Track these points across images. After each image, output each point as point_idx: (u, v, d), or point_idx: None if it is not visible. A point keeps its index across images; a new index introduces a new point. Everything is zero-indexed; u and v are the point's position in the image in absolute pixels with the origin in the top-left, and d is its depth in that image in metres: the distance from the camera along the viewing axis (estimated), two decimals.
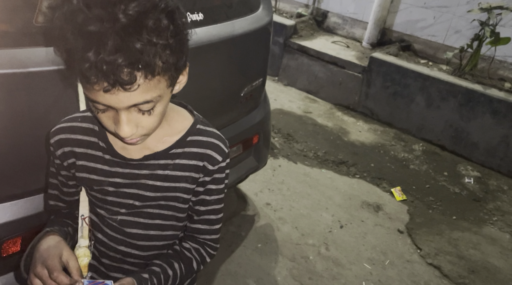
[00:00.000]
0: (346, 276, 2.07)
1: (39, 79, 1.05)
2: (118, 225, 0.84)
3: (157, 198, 0.82)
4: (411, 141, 3.44)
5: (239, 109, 1.83)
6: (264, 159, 2.19)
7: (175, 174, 0.80)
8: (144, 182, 0.80)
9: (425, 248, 2.32)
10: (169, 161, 0.80)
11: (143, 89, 0.62)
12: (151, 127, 0.70)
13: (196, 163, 0.81)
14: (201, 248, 0.88)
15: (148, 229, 0.85)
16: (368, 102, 3.69)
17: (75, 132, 0.81)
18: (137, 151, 0.80)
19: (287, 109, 3.70)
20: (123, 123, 0.65)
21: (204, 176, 0.82)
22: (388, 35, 4.04)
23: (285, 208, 2.48)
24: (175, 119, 0.82)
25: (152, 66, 0.60)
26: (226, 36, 1.55)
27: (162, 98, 0.68)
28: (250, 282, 1.95)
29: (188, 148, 0.81)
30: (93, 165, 0.81)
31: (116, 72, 0.57)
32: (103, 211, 0.83)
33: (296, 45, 4.01)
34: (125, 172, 0.80)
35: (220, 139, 0.84)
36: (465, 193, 2.87)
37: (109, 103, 0.63)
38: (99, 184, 0.81)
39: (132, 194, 0.81)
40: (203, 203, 0.85)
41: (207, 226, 0.87)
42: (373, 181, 2.88)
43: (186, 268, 0.85)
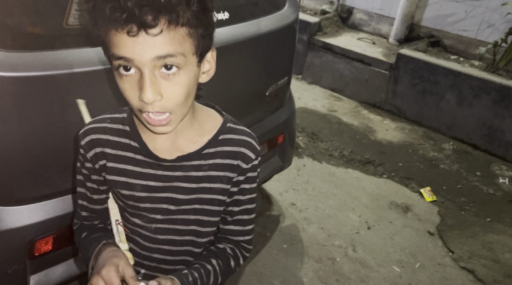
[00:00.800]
0: (374, 279, 2.02)
1: (69, 80, 1.06)
2: (151, 234, 0.82)
3: (192, 201, 0.80)
4: (440, 140, 3.33)
5: (264, 108, 1.81)
6: (289, 159, 2.16)
7: (210, 175, 0.79)
8: (177, 184, 0.79)
9: (457, 251, 2.23)
10: (202, 161, 0.78)
11: (166, 39, 0.61)
12: (176, 99, 0.66)
13: (230, 162, 0.79)
14: (235, 248, 0.86)
15: (183, 235, 0.84)
16: (395, 100, 3.60)
17: (105, 132, 0.79)
18: (169, 152, 0.78)
19: (311, 108, 3.65)
20: (146, 85, 0.62)
21: (238, 175, 0.80)
22: (416, 31, 3.93)
23: (310, 209, 2.45)
24: (205, 119, 0.80)
25: (175, 13, 0.60)
26: (252, 34, 1.53)
27: (186, 65, 0.65)
28: (276, 283, 1.93)
29: (220, 147, 0.79)
30: (124, 166, 0.79)
31: (140, 12, 0.57)
32: (137, 219, 0.82)
33: (320, 42, 3.96)
34: (158, 174, 0.78)
35: (252, 136, 0.82)
36: (500, 194, 2.75)
37: (133, 54, 0.61)
38: (131, 187, 0.79)
39: (165, 198, 0.79)
40: (237, 203, 0.83)
41: (240, 227, 0.86)
42: (401, 181, 2.80)
43: (224, 264, 0.83)
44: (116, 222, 0.81)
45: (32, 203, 1.19)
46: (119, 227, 0.80)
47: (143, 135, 0.79)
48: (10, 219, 1.16)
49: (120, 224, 0.80)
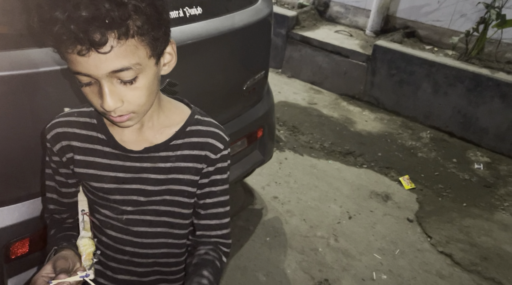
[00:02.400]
0: (357, 267, 2.06)
1: (39, 79, 1.04)
2: (124, 225, 0.82)
3: (162, 192, 0.80)
4: (418, 129, 3.40)
5: (242, 102, 1.81)
6: (269, 153, 2.17)
7: (178, 166, 0.79)
8: (146, 176, 0.79)
9: (435, 236, 2.29)
10: (170, 152, 0.79)
11: (118, 53, 0.61)
12: (137, 102, 0.68)
13: (198, 153, 0.80)
14: (216, 248, 0.86)
15: (155, 227, 0.84)
16: (373, 91, 3.65)
17: (72, 126, 0.80)
18: (137, 143, 0.79)
19: (292, 101, 3.67)
20: (106, 95, 0.64)
21: (207, 166, 0.81)
22: (391, 22, 3.98)
23: (292, 201, 2.47)
24: (173, 111, 0.81)
25: (123, 26, 0.59)
26: (226, 29, 1.53)
27: (144, 69, 0.66)
28: (260, 275, 1.95)
29: (188, 138, 0.80)
30: (92, 159, 0.79)
31: (86, 31, 0.56)
32: (108, 210, 0.82)
33: (298, 36, 3.97)
34: (126, 165, 0.79)
35: (219, 127, 0.83)
36: (475, 179, 2.83)
37: (88, 70, 0.62)
38: (100, 179, 0.80)
39: (134, 189, 0.80)
40: (210, 195, 0.83)
41: (216, 220, 0.86)
42: (381, 171, 2.85)
43: (214, 270, 0.82)
44: (82, 212, 0.81)
45: (6, 206, 1.17)
46: (85, 216, 0.81)
47: (110, 128, 0.80)
48: None
49: (86, 214, 0.81)
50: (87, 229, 0.80)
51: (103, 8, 0.56)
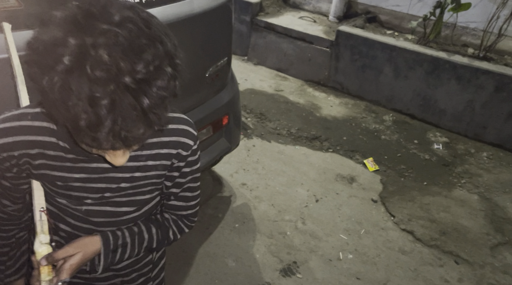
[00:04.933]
0: (324, 248, 2.12)
1: None
2: (83, 215, 0.81)
3: (127, 188, 0.80)
4: (381, 112, 3.50)
5: (206, 90, 1.80)
6: (236, 140, 2.18)
7: (147, 164, 0.79)
8: (113, 175, 0.77)
9: (398, 215, 2.39)
10: (139, 152, 0.77)
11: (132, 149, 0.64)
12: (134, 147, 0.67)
13: (168, 151, 0.79)
14: (179, 221, 0.91)
15: (115, 217, 0.83)
16: (338, 76, 3.71)
17: (25, 132, 0.71)
18: None
19: (259, 89, 3.68)
20: (119, 158, 0.63)
21: (178, 161, 0.81)
22: (354, 8, 4.04)
23: (261, 187, 2.50)
24: None
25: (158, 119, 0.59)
26: (185, 15, 1.51)
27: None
28: (229, 261, 1.97)
29: (159, 138, 0.78)
30: (54, 163, 0.74)
31: (133, 138, 0.56)
32: (66, 200, 0.79)
33: (263, 22, 3.97)
34: (92, 167, 0.75)
35: (189, 124, 0.82)
36: (435, 159, 2.95)
37: (110, 159, 0.62)
38: (64, 180, 0.75)
39: (100, 188, 0.78)
40: (179, 185, 0.86)
41: (183, 202, 0.89)
42: (346, 154, 2.92)
43: (162, 235, 0.88)
44: (41, 210, 0.76)
45: None
46: (43, 215, 0.76)
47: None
48: None
49: (44, 212, 0.76)
50: (46, 231, 0.74)
51: (147, 111, 0.54)
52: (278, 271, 1.96)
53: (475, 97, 3.11)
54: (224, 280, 1.88)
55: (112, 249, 0.79)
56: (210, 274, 1.89)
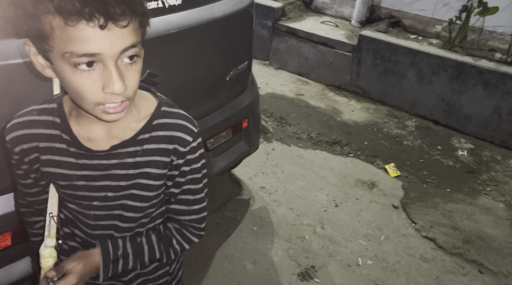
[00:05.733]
0: (342, 253, 2.10)
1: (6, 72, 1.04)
2: (92, 221, 0.82)
3: (129, 187, 0.80)
4: (404, 118, 3.44)
5: (226, 93, 1.82)
6: (255, 143, 2.19)
7: (144, 160, 0.78)
8: (114, 172, 0.78)
9: (419, 221, 2.34)
10: (137, 147, 0.78)
11: (131, 29, 0.62)
12: (134, 87, 0.67)
13: (165, 147, 0.78)
14: (183, 229, 0.87)
15: (122, 222, 0.84)
16: (359, 81, 3.68)
17: (32, 126, 0.77)
18: (104, 142, 0.77)
19: (279, 93, 3.69)
20: (114, 78, 0.61)
21: (177, 159, 0.79)
22: (377, 12, 4.01)
23: (279, 191, 2.50)
24: (141, 103, 0.79)
25: (136, 4, 0.61)
26: (206, 19, 1.54)
27: (141, 52, 0.67)
28: (247, 264, 1.98)
29: (155, 132, 0.78)
30: (58, 158, 0.77)
31: (107, 4, 0.57)
32: (75, 205, 0.82)
33: (284, 27, 3.98)
34: (93, 164, 0.77)
35: (188, 119, 0.80)
36: (459, 165, 2.88)
37: (100, 48, 0.59)
38: (68, 178, 0.78)
39: (103, 186, 0.79)
40: (177, 185, 0.83)
41: (185, 206, 0.86)
42: (367, 159, 2.89)
43: (165, 245, 0.86)
44: (50, 215, 0.79)
45: None
46: (52, 221, 0.79)
47: (76, 127, 0.77)
48: None
49: (53, 218, 0.79)
50: (52, 236, 0.78)
51: None
52: (295, 275, 1.95)
53: (502, 103, 3.02)
54: (242, 282, 1.88)
55: (112, 259, 0.81)
56: (228, 276, 1.90)
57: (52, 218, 0.79)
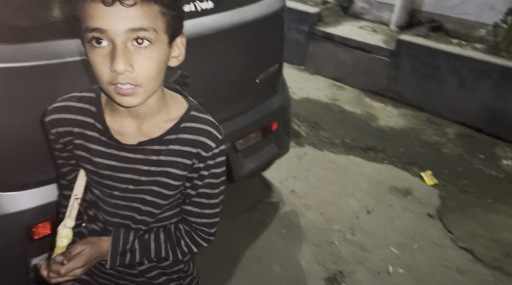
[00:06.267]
0: (372, 260, 2.05)
1: (57, 70, 1.12)
2: (112, 209, 0.87)
3: (150, 183, 0.83)
4: (443, 125, 3.32)
5: (256, 95, 1.85)
6: (285, 146, 2.20)
7: (167, 160, 0.82)
8: (138, 167, 0.82)
9: (456, 232, 2.24)
10: (163, 146, 0.81)
11: (140, 11, 0.65)
12: (146, 73, 0.69)
13: (189, 150, 0.81)
14: (192, 232, 0.89)
15: (139, 215, 0.87)
16: (397, 86, 3.59)
17: (70, 111, 0.82)
18: (133, 137, 0.81)
19: (314, 98, 3.67)
20: (118, 54, 0.65)
21: (198, 162, 0.83)
22: (417, 17, 3.90)
23: (310, 195, 2.48)
24: (172, 105, 0.83)
25: None
26: (238, 23, 1.58)
27: (158, 41, 0.69)
28: (274, 266, 1.98)
29: (181, 134, 0.81)
30: (89, 145, 0.82)
31: None
32: (99, 191, 0.86)
33: (321, 32, 3.97)
34: (121, 155, 0.82)
35: (214, 126, 0.83)
36: (503, 175, 2.73)
37: (107, 24, 0.64)
38: (95, 165, 0.83)
39: (126, 178, 0.83)
40: (194, 187, 0.85)
41: (198, 209, 0.88)
42: (403, 166, 2.81)
43: (171, 245, 0.88)
44: (75, 197, 0.84)
45: (30, 189, 1.26)
46: (75, 202, 0.83)
47: (110, 118, 0.81)
48: (9, 204, 1.23)
49: (77, 200, 0.84)
50: (73, 217, 0.83)
51: None
52: (323, 279, 1.93)
53: None
54: (268, 284, 1.88)
55: (120, 251, 0.85)
56: (254, 277, 1.91)
57: (76, 200, 0.83)
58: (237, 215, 2.26)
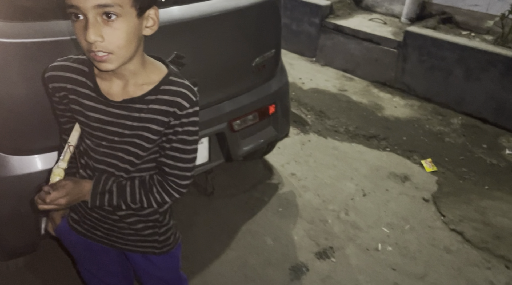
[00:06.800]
0: (363, 238, 2.14)
1: (61, 45, 1.28)
2: (100, 157, 1.02)
3: (132, 136, 0.97)
4: (449, 115, 3.35)
5: (252, 78, 1.97)
6: (283, 130, 2.31)
7: (147, 117, 0.95)
8: (123, 122, 0.96)
9: (449, 215, 2.31)
10: (143, 105, 0.94)
11: None
12: (116, 42, 0.82)
13: (166, 109, 0.94)
14: (164, 182, 1.02)
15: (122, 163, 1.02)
16: (405, 77, 3.64)
17: (65, 70, 0.97)
18: (118, 96, 0.96)
19: (322, 88, 3.76)
20: (89, 28, 0.79)
21: (174, 120, 0.95)
22: (428, 9, 3.93)
23: (309, 178, 2.59)
24: (152, 70, 0.97)
25: None
26: (232, 8, 1.70)
27: (124, 14, 0.82)
28: (268, 239, 2.11)
29: (160, 95, 0.94)
30: (82, 100, 0.97)
31: None
32: (89, 142, 1.02)
33: (331, 24, 4.05)
34: (108, 111, 0.96)
35: (189, 89, 0.96)
36: (504, 164, 2.76)
37: (78, 2, 0.78)
38: (87, 118, 0.97)
39: (113, 131, 0.97)
40: (169, 141, 0.99)
41: (171, 161, 1.00)
42: (404, 154, 2.88)
43: (145, 191, 1.02)
44: (68, 144, 1.01)
45: (41, 154, 1.44)
46: (69, 149, 1.00)
47: (100, 79, 0.96)
48: (22, 166, 1.41)
49: (70, 147, 1.00)
50: (66, 160, 0.99)
51: None
52: (313, 253, 2.04)
53: None
54: (261, 254, 2.02)
55: (99, 191, 0.99)
56: (248, 248, 2.05)
57: (69, 147, 0.99)
58: (237, 193, 2.40)
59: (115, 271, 1.31)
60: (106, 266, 1.28)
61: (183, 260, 1.88)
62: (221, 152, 2.00)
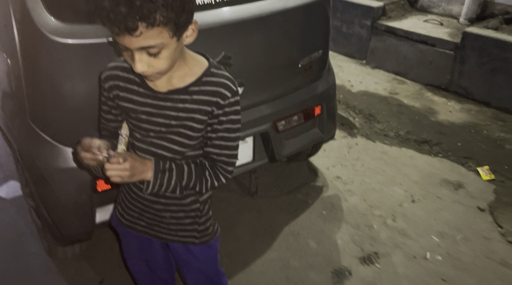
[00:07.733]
0: (410, 246, 2.06)
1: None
2: (147, 147, 1.08)
3: (178, 126, 1.04)
4: (511, 121, 3.13)
5: (298, 79, 1.97)
6: (329, 132, 2.28)
7: (191, 107, 1.01)
8: (168, 113, 1.02)
9: (507, 226, 2.15)
10: (187, 96, 1.00)
11: (146, 36, 0.82)
12: (160, 68, 0.90)
13: (209, 99, 1.00)
14: (214, 166, 1.08)
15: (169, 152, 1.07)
16: (462, 80, 3.45)
17: (118, 69, 1.05)
18: (164, 87, 1.02)
19: (372, 91, 3.67)
20: (135, 62, 0.88)
21: (217, 110, 1.02)
22: (489, 9, 3.70)
23: (355, 182, 2.53)
24: (194, 64, 1.03)
25: (151, 19, 0.81)
26: (280, 9, 1.72)
27: (167, 46, 0.87)
28: (311, 242, 2.08)
29: (203, 86, 1.00)
30: (131, 96, 1.04)
31: (122, 20, 0.80)
32: (138, 134, 1.09)
33: (383, 26, 3.94)
34: (154, 103, 1.02)
35: (230, 79, 1.02)
36: None
37: (124, 43, 0.85)
38: (135, 112, 1.04)
39: (159, 122, 1.03)
40: (214, 131, 1.05)
41: (218, 150, 1.07)
42: (458, 160, 2.73)
43: (199, 172, 1.07)
44: (124, 134, 1.10)
45: None
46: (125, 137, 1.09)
47: None
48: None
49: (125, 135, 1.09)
50: (124, 145, 1.08)
51: (135, 5, 0.79)
52: (357, 258, 1.99)
53: None
54: (303, 257, 2.00)
55: (161, 169, 1.03)
56: (291, 250, 2.04)
57: (124, 137, 1.09)
58: (281, 194, 2.40)
59: (159, 263, 1.37)
60: (150, 257, 1.34)
61: (226, 257, 1.93)
62: (265, 152, 2.01)
